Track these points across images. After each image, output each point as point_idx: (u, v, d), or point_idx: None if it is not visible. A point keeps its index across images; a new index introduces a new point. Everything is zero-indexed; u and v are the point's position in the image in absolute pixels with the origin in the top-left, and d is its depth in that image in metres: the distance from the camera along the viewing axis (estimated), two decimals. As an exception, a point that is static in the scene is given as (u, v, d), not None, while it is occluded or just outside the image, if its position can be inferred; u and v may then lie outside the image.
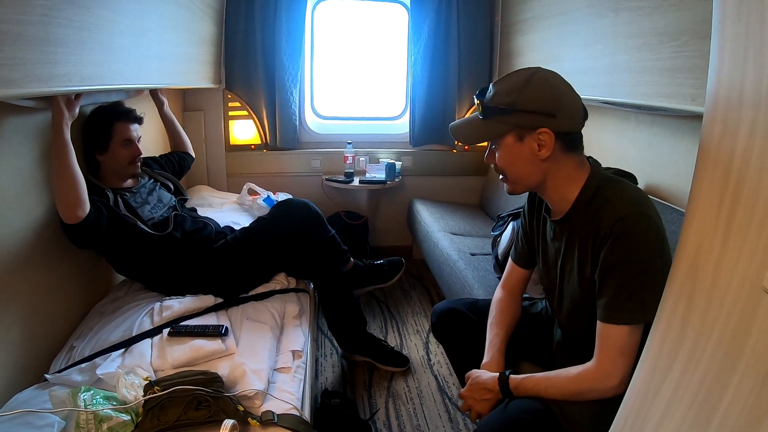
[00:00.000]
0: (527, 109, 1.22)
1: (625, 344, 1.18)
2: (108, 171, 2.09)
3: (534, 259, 1.59)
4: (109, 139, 2.05)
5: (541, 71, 1.25)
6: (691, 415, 0.73)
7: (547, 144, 1.23)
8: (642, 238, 1.17)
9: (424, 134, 3.75)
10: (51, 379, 1.58)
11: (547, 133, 1.22)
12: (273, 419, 1.39)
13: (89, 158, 2.06)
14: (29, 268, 1.63)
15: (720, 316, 0.68)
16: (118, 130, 2.07)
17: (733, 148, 0.67)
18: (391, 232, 4.00)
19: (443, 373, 2.49)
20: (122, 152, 2.08)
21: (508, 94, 1.24)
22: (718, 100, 0.71)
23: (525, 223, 1.59)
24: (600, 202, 1.24)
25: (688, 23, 1.60)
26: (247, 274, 2.14)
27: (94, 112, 2.07)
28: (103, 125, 2.04)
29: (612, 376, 1.19)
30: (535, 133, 1.23)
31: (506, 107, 1.24)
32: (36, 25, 1.22)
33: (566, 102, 1.24)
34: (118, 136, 2.06)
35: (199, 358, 1.62)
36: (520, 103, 1.22)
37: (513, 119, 1.24)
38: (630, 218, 1.17)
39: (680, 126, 2.00)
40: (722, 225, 0.69)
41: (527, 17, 3.08)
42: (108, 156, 2.06)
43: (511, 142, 1.27)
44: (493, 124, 1.27)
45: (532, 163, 1.27)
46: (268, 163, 3.67)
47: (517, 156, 1.27)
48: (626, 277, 1.17)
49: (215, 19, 3.15)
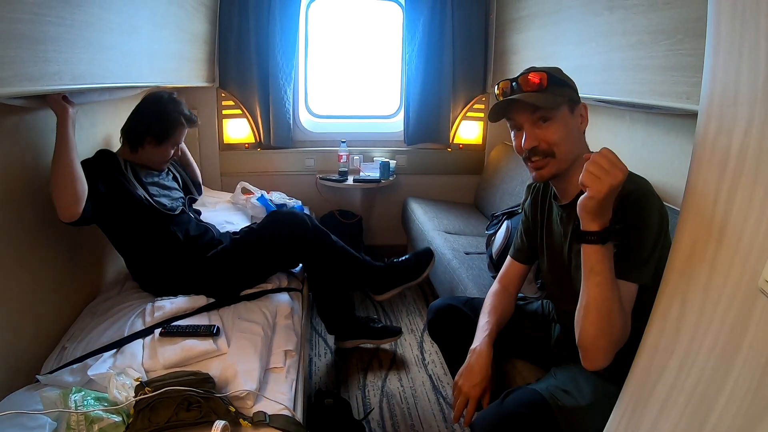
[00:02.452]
0: (571, 84, 1.35)
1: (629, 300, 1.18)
2: (143, 158, 2.10)
3: (533, 254, 1.62)
4: (168, 138, 2.08)
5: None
6: (687, 416, 0.72)
7: (585, 117, 1.35)
8: (645, 208, 1.21)
9: (418, 133, 3.74)
10: (42, 380, 1.56)
11: (585, 106, 1.35)
12: (264, 420, 1.38)
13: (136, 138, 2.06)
14: (20, 269, 1.62)
15: (715, 316, 0.68)
16: (179, 132, 2.11)
17: (728, 147, 0.66)
18: (385, 231, 4.00)
19: (438, 373, 2.48)
20: (169, 152, 2.12)
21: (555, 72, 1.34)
22: (713, 97, 0.70)
23: (526, 217, 1.62)
24: None
25: (683, 21, 1.60)
26: (239, 280, 2.11)
27: (160, 101, 2.09)
28: (170, 123, 2.07)
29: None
30: (580, 106, 1.35)
31: (562, 81, 1.34)
32: (26, 23, 1.21)
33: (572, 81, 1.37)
34: (175, 138, 2.10)
35: (191, 359, 1.61)
36: (566, 78, 1.35)
37: (566, 92, 1.33)
38: (636, 192, 1.21)
39: (675, 124, 2.00)
40: (717, 224, 0.68)
41: (522, 15, 3.08)
42: (156, 150, 2.09)
43: (566, 115, 1.33)
44: (552, 95, 1.31)
45: (578, 136, 1.36)
46: (262, 162, 3.66)
47: (571, 128, 1.34)
48: (628, 238, 1.20)
49: (208, 17, 3.13)
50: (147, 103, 2.10)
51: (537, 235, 1.57)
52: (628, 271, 1.19)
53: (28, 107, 1.63)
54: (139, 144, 2.06)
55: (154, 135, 2.06)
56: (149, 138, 2.05)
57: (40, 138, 1.76)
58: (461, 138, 3.88)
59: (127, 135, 2.08)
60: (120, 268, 2.34)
